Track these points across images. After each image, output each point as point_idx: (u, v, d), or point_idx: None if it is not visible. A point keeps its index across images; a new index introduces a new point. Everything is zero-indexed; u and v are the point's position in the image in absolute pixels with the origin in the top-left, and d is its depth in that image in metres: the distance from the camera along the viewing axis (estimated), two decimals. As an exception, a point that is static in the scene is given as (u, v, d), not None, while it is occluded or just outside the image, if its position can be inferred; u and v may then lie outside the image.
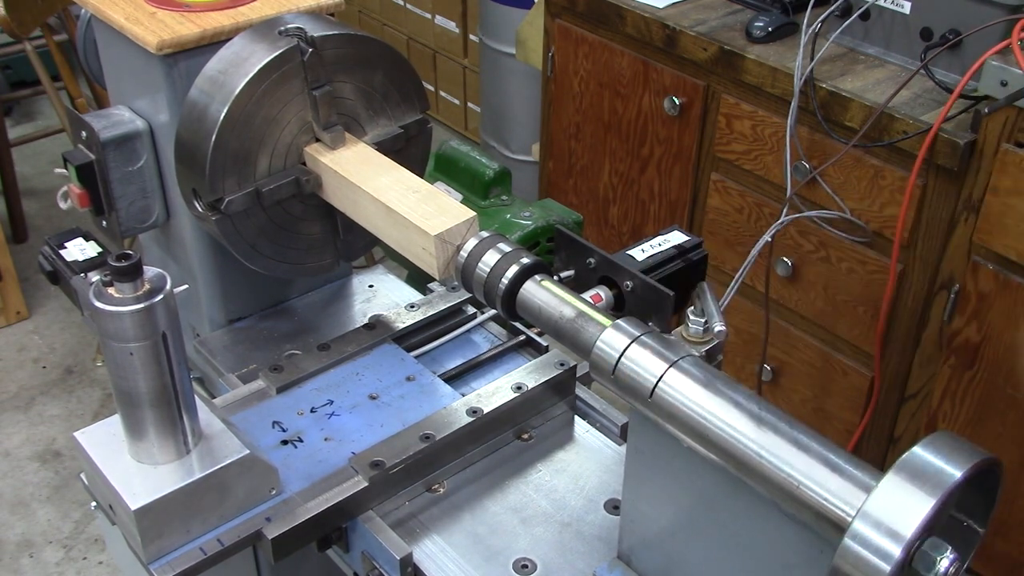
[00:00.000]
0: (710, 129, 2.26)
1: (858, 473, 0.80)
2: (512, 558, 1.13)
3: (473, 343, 1.42)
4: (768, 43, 2.11)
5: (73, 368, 2.98)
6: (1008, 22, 1.76)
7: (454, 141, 1.99)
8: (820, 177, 2.03)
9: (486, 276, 1.10)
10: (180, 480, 1.04)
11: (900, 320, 2.03)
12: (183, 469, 1.06)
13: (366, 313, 1.50)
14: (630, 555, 1.09)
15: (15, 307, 3.14)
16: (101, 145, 1.32)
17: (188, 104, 1.23)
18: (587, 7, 2.39)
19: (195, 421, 1.08)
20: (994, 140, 1.74)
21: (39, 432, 2.75)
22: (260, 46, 1.22)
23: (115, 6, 1.31)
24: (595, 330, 0.98)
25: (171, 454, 1.06)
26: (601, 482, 1.23)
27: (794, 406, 2.32)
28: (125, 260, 0.97)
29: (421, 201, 1.19)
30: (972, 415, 1.96)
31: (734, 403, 0.87)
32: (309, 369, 1.31)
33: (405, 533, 1.14)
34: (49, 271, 1.43)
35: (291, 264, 1.37)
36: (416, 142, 1.40)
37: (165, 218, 1.43)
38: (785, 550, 0.89)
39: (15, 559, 2.39)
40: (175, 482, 1.04)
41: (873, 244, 2.00)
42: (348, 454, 1.18)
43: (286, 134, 1.26)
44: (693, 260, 1.17)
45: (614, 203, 2.61)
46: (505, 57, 3.34)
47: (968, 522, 0.84)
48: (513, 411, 1.26)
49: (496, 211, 1.86)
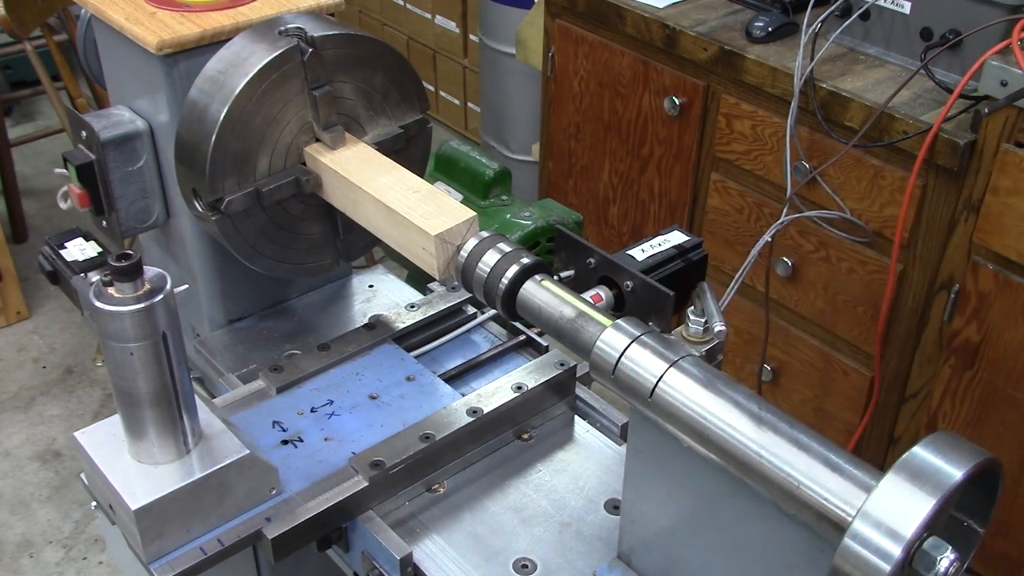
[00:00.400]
0: (710, 129, 2.26)
1: (858, 473, 0.80)
2: (512, 558, 1.13)
3: (473, 343, 1.42)
4: (768, 43, 2.11)
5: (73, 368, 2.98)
6: (1008, 22, 1.76)
7: (454, 141, 1.99)
8: (820, 177, 2.03)
9: (486, 276, 1.10)
10: (180, 480, 1.04)
11: (900, 320, 2.03)
12: (183, 469, 1.06)
13: (366, 313, 1.50)
14: (630, 555, 1.09)
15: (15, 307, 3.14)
16: (101, 145, 1.32)
17: (188, 104, 1.23)
18: (587, 7, 2.39)
19: (195, 421, 1.08)
20: (994, 140, 1.74)
21: (39, 432, 2.75)
22: (260, 46, 1.22)
23: (115, 6, 1.31)
24: (595, 330, 0.98)
25: (171, 454, 1.06)
26: (601, 482, 1.23)
27: (794, 406, 2.32)
28: (125, 260, 0.97)
29: (421, 201, 1.19)
30: (972, 415, 1.96)
31: (734, 403, 0.87)
32: (309, 369, 1.31)
33: (405, 533, 1.14)
34: (49, 271, 1.43)
35: (291, 264, 1.37)
36: (416, 142, 1.40)
37: (165, 218, 1.43)
38: (785, 550, 0.89)
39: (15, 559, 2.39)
40: (175, 482, 1.04)
41: (873, 244, 2.00)
42: (348, 454, 1.18)
43: (286, 134, 1.26)
44: (693, 260, 1.17)
45: (614, 203, 2.61)
46: (505, 57, 3.34)
47: (968, 522, 0.84)
48: (513, 411, 1.26)
49: (496, 211, 1.86)
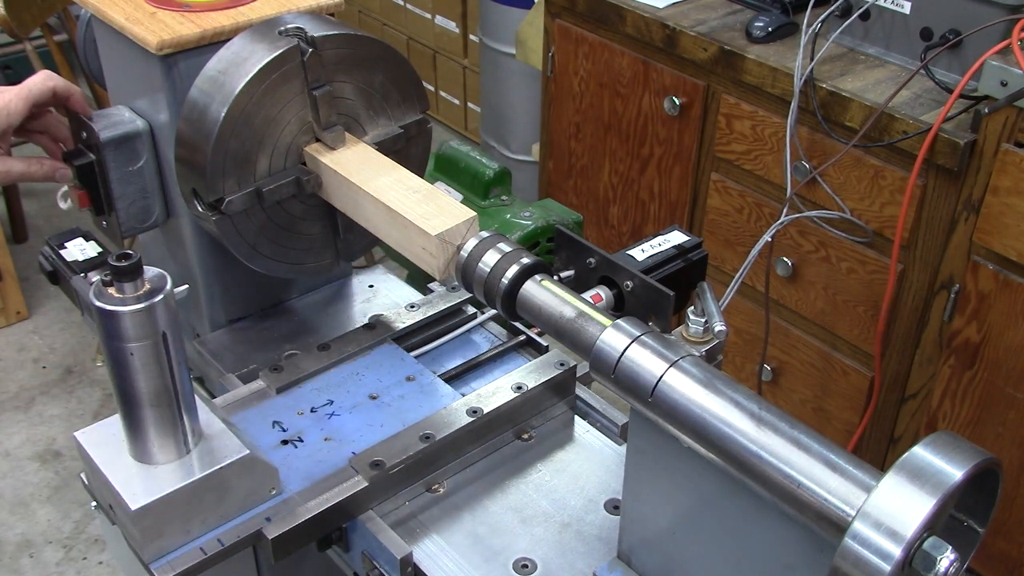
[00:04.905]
0: (710, 129, 2.26)
1: (858, 473, 0.80)
2: (512, 558, 1.13)
3: (473, 343, 1.42)
4: (768, 43, 2.11)
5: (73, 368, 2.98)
6: (1008, 22, 1.76)
7: (454, 141, 1.99)
8: (820, 177, 2.03)
9: (486, 276, 1.10)
10: (180, 480, 1.04)
11: (900, 320, 2.03)
12: (183, 469, 1.06)
13: (366, 313, 1.50)
14: (630, 555, 1.09)
15: (15, 307, 3.14)
16: (101, 145, 1.32)
17: (188, 104, 1.23)
18: (587, 7, 2.39)
19: (195, 421, 1.08)
20: (994, 140, 1.74)
21: (39, 432, 2.75)
22: (260, 46, 1.22)
23: (115, 6, 1.31)
24: (595, 330, 0.98)
25: (171, 454, 1.06)
26: (601, 482, 1.23)
27: (794, 406, 2.32)
28: (125, 260, 0.97)
29: (421, 201, 1.19)
30: (972, 415, 1.96)
31: (734, 403, 0.87)
32: (309, 369, 1.31)
33: (405, 533, 1.14)
34: (49, 271, 1.42)
35: (291, 264, 1.37)
36: (416, 142, 1.40)
37: (165, 218, 1.43)
38: (785, 550, 0.89)
39: (15, 559, 2.39)
40: (175, 482, 1.04)
41: (873, 244, 2.00)
42: (348, 454, 1.18)
43: (286, 134, 1.26)
44: (693, 260, 1.17)
45: (614, 203, 2.62)
46: (505, 57, 3.34)
47: (968, 522, 0.84)
48: (513, 411, 1.26)
49: (496, 211, 1.86)
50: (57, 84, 1.29)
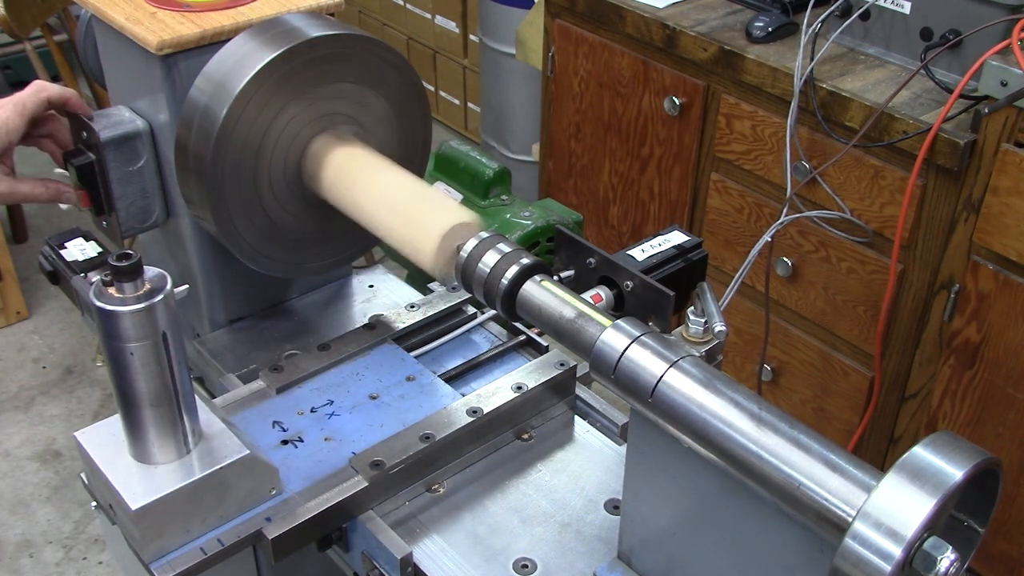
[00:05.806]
0: (710, 129, 2.26)
1: (858, 473, 0.80)
2: (512, 558, 1.13)
3: (473, 343, 1.42)
4: (768, 43, 2.11)
5: (73, 368, 2.98)
6: (1008, 22, 1.76)
7: (454, 141, 1.99)
8: (820, 177, 2.03)
9: (486, 276, 1.10)
10: (180, 480, 1.04)
11: (900, 320, 2.03)
12: (183, 469, 1.06)
13: (366, 313, 1.50)
14: (630, 555, 1.09)
15: (15, 307, 3.14)
16: (101, 145, 1.32)
17: (188, 104, 1.23)
18: (587, 7, 2.39)
19: (195, 421, 1.08)
20: (994, 140, 1.74)
21: (39, 432, 2.75)
22: (260, 46, 1.22)
23: (115, 6, 1.31)
24: (595, 330, 0.98)
25: (171, 454, 1.06)
26: (601, 482, 1.23)
27: (794, 406, 2.32)
28: (125, 260, 0.97)
29: (421, 201, 1.19)
30: (972, 415, 1.96)
31: (734, 403, 0.87)
32: (309, 369, 1.31)
33: (405, 533, 1.14)
34: (49, 271, 1.42)
35: (291, 264, 1.37)
36: (416, 142, 1.40)
37: (165, 218, 1.43)
38: (785, 550, 0.89)
39: (15, 559, 2.39)
40: (175, 482, 1.04)
41: (873, 244, 2.00)
42: (348, 454, 1.18)
43: (286, 134, 1.26)
44: (693, 260, 1.17)
45: (614, 203, 2.62)
46: (505, 57, 3.34)
47: (968, 522, 0.84)
48: (513, 411, 1.26)
49: (496, 211, 1.86)
50: (51, 93, 1.29)
